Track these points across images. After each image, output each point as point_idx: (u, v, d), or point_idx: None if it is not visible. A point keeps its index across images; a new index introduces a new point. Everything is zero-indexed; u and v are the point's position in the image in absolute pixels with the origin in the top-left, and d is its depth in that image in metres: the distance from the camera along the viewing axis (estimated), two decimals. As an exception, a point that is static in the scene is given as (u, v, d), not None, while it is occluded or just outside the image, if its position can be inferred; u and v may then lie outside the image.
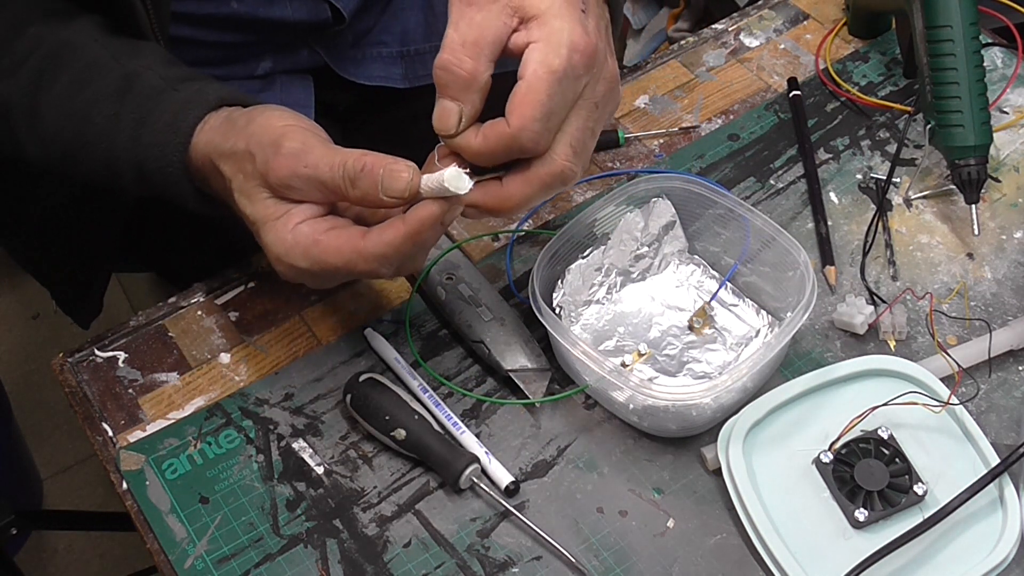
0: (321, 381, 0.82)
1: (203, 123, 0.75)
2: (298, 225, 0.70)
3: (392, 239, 0.68)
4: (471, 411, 0.80)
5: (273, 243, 0.71)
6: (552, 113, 0.67)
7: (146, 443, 0.79)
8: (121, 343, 0.85)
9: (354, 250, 0.69)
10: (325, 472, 0.77)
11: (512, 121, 0.67)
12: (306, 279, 0.73)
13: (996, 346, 0.79)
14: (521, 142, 0.67)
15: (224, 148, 0.72)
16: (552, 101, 0.67)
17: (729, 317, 0.83)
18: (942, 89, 0.84)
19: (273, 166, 0.69)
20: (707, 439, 0.76)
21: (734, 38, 1.04)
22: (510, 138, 0.67)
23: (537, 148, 0.68)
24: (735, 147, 0.95)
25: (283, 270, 0.72)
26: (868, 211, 0.89)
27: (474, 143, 0.69)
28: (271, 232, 0.71)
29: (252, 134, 0.71)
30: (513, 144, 0.68)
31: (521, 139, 0.67)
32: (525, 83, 0.67)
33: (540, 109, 0.67)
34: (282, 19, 0.95)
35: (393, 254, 0.69)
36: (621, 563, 0.72)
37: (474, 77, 0.67)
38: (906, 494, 0.71)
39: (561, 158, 0.70)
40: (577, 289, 0.83)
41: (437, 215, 0.68)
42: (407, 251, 0.69)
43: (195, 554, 0.74)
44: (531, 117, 0.67)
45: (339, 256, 0.69)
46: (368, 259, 0.69)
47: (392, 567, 0.73)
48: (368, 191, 0.68)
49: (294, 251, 0.70)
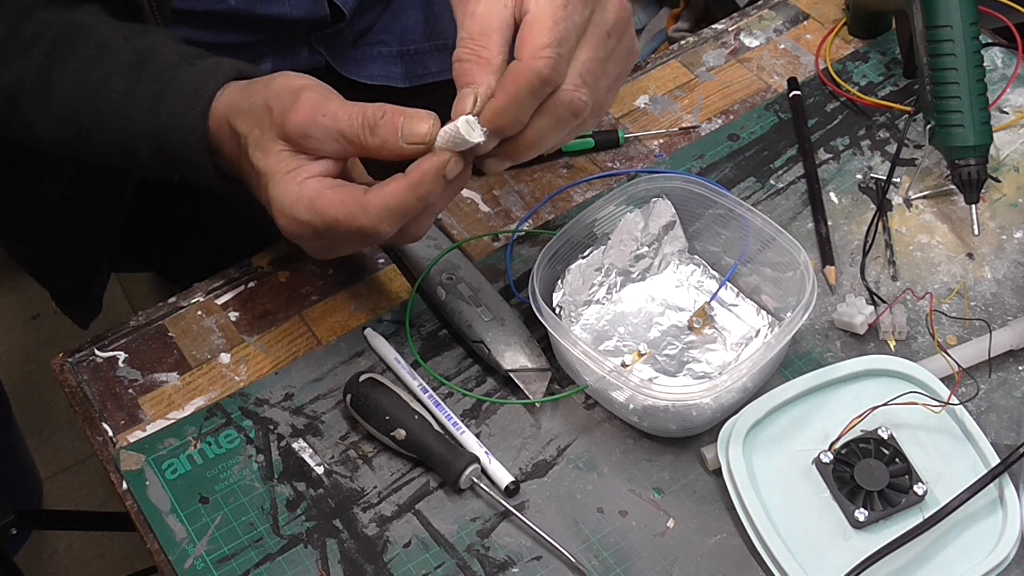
0: (321, 381, 0.82)
1: (221, 91, 0.74)
2: (307, 179, 0.70)
3: (395, 190, 0.68)
4: (471, 411, 0.80)
5: (280, 195, 0.70)
6: (562, 39, 0.66)
7: (146, 443, 0.79)
8: (121, 343, 0.85)
9: (356, 202, 0.69)
10: (325, 472, 0.77)
11: (524, 54, 0.66)
12: (308, 237, 0.72)
13: (996, 346, 0.79)
14: (538, 71, 0.66)
15: (243, 107, 0.72)
16: (560, 26, 0.66)
17: (729, 317, 0.83)
18: (942, 89, 0.84)
19: (291, 115, 0.69)
20: (707, 439, 0.76)
21: (734, 38, 1.04)
22: (527, 71, 0.66)
23: (555, 76, 0.67)
24: (735, 147, 0.95)
25: (285, 224, 0.71)
26: (868, 211, 0.89)
27: (495, 102, 0.67)
28: (279, 184, 0.70)
29: (271, 90, 0.71)
30: (532, 78, 0.66)
31: (537, 68, 0.66)
32: (530, 15, 0.67)
33: (549, 35, 0.66)
34: (281, 16, 0.95)
35: (396, 207, 0.68)
36: (621, 563, 0.72)
37: (489, 61, 0.67)
38: (906, 494, 0.71)
39: (569, 87, 0.68)
40: (577, 289, 0.83)
41: (439, 165, 0.68)
42: (410, 206, 0.69)
43: (195, 554, 0.74)
44: (542, 44, 0.66)
45: (341, 208, 0.69)
46: (370, 212, 0.68)
47: (392, 567, 0.73)
48: (387, 137, 0.68)
49: (299, 203, 0.70)
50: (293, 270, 0.88)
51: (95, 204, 0.99)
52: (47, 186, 0.99)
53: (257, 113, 0.71)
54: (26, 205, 1.02)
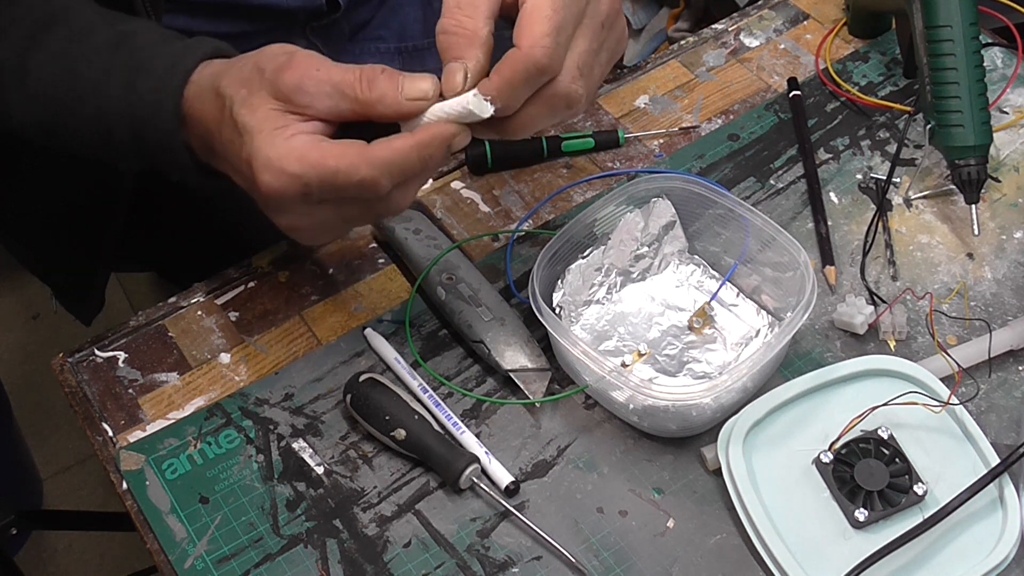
0: (321, 381, 0.82)
1: (201, 67, 0.73)
2: (296, 135, 0.67)
3: (401, 145, 0.67)
4: (471, 411, 0.80)
5: (266, 149, 0.67)
6: (560, 28, 0.67)
7: (146, 443, 0.79)
8: (121, 343, 0.85)
9: (359, 153, 0.67)
10: (325, 472, 0.77)
11: (523, 42, 0.66)
12: (292, 197, 0.68)
13: (996, 346, 0.79)
14: (535, 60, 0.66)
15: (230, 72, 0.70)
16: (558, 15, 0.66)
17: (729, 317, 0.83)
18: (942, 89, 0.84)
19: (285, 72, 0.67)
20: (707, 439, 0.76)
21: (734, 38, 1.04)
22: (524, 60, 0.66)
23: (552, 65, 0.67)
24: (735, 147, 0.95)
25: (270, 180, 0.67)
26: (868, 211, 0.89)
27: (490, 84, 0.67)
28: (266, 139, 0.67)
29: (262, 55, 0.70)
30: (529, 66, 0.66)
31: (535, 57, 0.66)
32: (529, 4, 0.66)
33: (548, 24, 0.66)
34: (276, 5, 0.94)
35: (400, 163, 0.67)
36: (621, 563, 0.72)
37: (475, 34, 0.67)
38: (906, 494, 0.71)
39: (567, 79, 0.68)
40: (577, 289, 0.83)
41: (448, 135, 0.67)
42: (412, 165, 0.68)
43: (195, 554, 0.74)
44: (541, 33, 0.66)
45: (342, 157, 0.66)
46: (372, 164, 0.67)
47: (392, 567, 0.73)
48: (387, 91, 0.67)
49: (288, 156, 0.66)
50: (293, 270, 0.88)
51: (95, 197, 0.98)
52: (47, 181, 0.99)
53: (246, 74, 0.69)
54: (26, 201, 1.02)
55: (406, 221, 0.88)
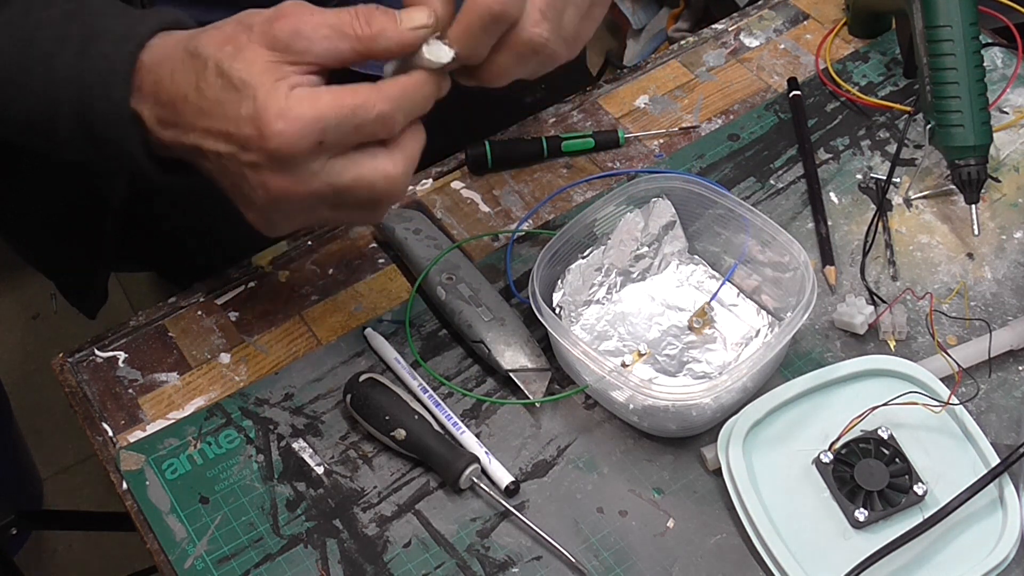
0: (321, 381, 0.82)
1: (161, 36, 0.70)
2: (298, 86, 0.65)
3: (408, 79, 0.67)
4: (471, 411, 0.80)
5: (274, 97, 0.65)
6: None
7: (146, 443, 0.79)
8: (121, 343, 0.85)
9: (372, 89, 0.66)
10: (325, 472, 0.77)
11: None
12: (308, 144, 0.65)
13: (996, 346, 0.79)
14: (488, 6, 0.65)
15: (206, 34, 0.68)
16: None
17: (729, 317, 0.83)
18: (942, 89, 0.84)
19: (278, 20, 0.66)
20: (707, 439, 0.76)
21: (734, 38, 1.04)
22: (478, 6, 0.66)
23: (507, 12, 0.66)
24: (735, 147, 0.95)
25: (283, 128, 0.65)
26: (868, 211, 0.89)
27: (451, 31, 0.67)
28: (271, 90, 0.65)
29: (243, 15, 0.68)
30: (483, 13, 0.66)
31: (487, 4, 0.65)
32: None
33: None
34: None
35: (411, 96, 0.67)
36: (621, 563, 0.72)
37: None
38: (906, 494, 0.71)
39: (528, 24, 0.68)
40: (577, 289, 0.83)
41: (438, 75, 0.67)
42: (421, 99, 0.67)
43: (195, 554, 0.74)
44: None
45: (357, 95, 0.65)
46: (387, 98, 0.66)
47: (392, 567, 0.73)
48: (387, 25, 0.66)
49: (301, 103, 0.65)
50: (293, 270, 0.88)
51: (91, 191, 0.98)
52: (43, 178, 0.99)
53: (228, 32, 0.67)
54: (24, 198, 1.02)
55: (406, 221, 0.88)
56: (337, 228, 0.91)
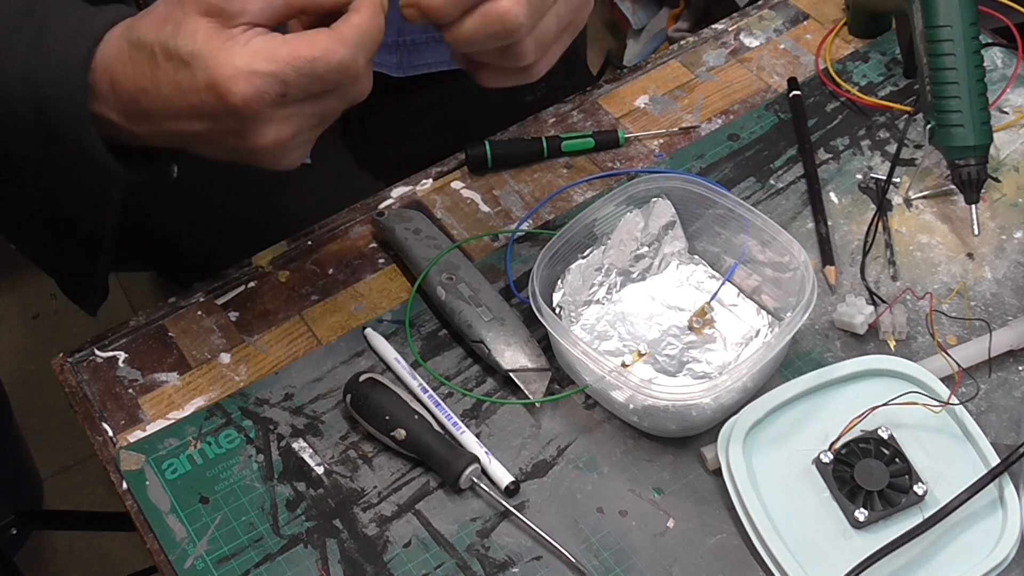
0: (321, 381, 0.82)
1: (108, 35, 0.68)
2: (251, 39, 0.63)
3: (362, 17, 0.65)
4: (471, 411, 0.80)
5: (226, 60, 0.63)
6: None
7: (146, 443, 0.79)
8: (121, 343, 0.85)
9: (329, 36, 0.63)
10: (325, 472, 0.77)
11: None
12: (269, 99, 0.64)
13: (996, 346, 0.79)
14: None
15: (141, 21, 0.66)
16: None
17: (729, 317, 0.83)
18: (942, 89, 0.84)
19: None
20: (707, 439, 0.76)
21: (734, 38, 1.04)
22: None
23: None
24: (735, 147, 0.95)
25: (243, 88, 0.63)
26: (868, 211, 0.89)
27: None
28: (222, 52, 0.63)
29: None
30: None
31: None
32: None
33: None
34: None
35: (368, 33, 0.65)
36: (621, 563, 0.72)
37: None
38: (906, 494, 0.71)
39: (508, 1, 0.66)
40: (577, 289, 0.83)
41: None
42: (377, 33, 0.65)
43: (195, 554, 0.74)
44: None
45: (315, 45, 0.63)
46: (348, 42, 0.64)
47: (392, 567, 0.73)
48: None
49: (256, 58, 0.63)
50: (293, 270, 0.88)
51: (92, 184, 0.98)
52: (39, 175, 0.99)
53: (163, 13, 0.65)
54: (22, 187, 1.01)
55: (406, 221, 0.88)
56: (337, 227, 0.91)
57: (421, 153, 0.96)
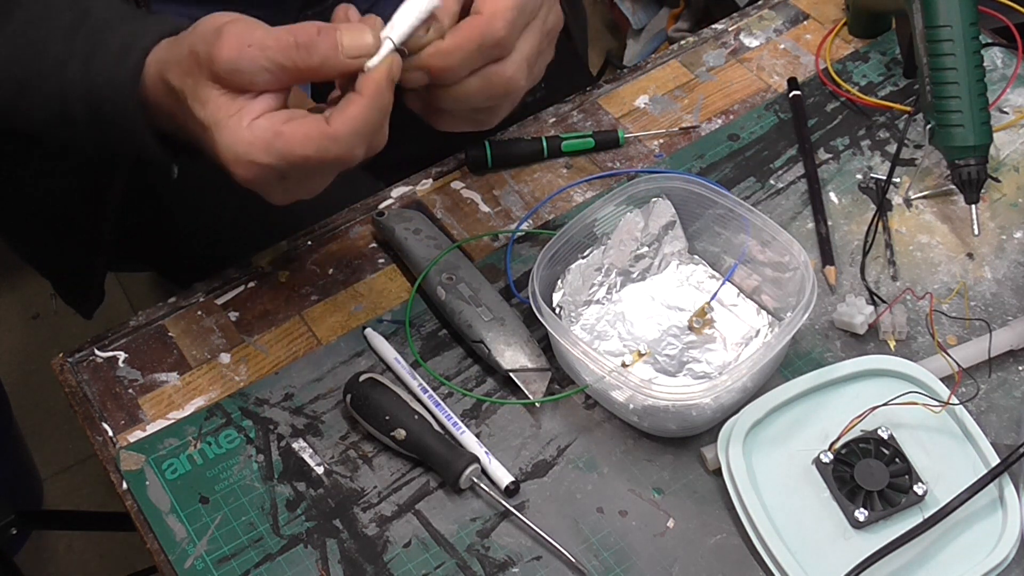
0: (321, 381, 0.82)
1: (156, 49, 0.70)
2: (254, 121, 0.65)
3: (358, 111, 0.65)
4: (471, 411, 0.80)
5: (231, 144, 0.65)
6: (522, 10, 0.66)
7: (146, 443, 0.79)
8: (121, 343, 0.85)
9: (323, 134, 0.65)
10: (325, 472, 0.77)
11: (485, 9, 0.66)
12: (270, 180, 0.67)
13: (996, 346, 0.79)
14: (495, 31, 0.66)
15: (171, 60, 0.68)
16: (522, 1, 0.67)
17: (729, 317, 0.83)
18: (942, 89, 0.84)
19: (216, 52, 0.65)
20: (707, 439, 0.76)
21: (734, 38, 1.04)
22: (484, 27, 0.66)
23: (506, 42, 0.67)
24: (735, 147, 0.95)
25: (243, 173, 0.66)
26: (868, 211, 0.89)
27: (442, 45, 0.67)
28: (226, 131, 0.65)
29: (195, 35, 0.67)
30: (487, 34, 0.66)
31: (495, 27, 0.66)
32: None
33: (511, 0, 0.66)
34: None
35: (363, 127, 0.65)
36: (621, 563, 0.72)
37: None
38: (906, 494, 0.71)
39: (514, 64, 0.68)
40: (577, 289, 0.83)
41: (387, 71, 0.65)
42: (375, 122, 0.66)
43: (195, 554, 0.74)
44: (504, 7, 0.65)
45: (308, 144, 0.65)
46: (340, 141, 0.65)
47: (392, 567, 0.73)
48: (327, 54, 0.65)
49: (254, 147, 0.65)
50: (293, 270, 0.88)
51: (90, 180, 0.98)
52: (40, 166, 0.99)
53: (185, 63, 0.67)
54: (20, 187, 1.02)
55: (406, 221, 0.88)
56: (337, 227, 0.91)
57: (421, 153, 0.96)
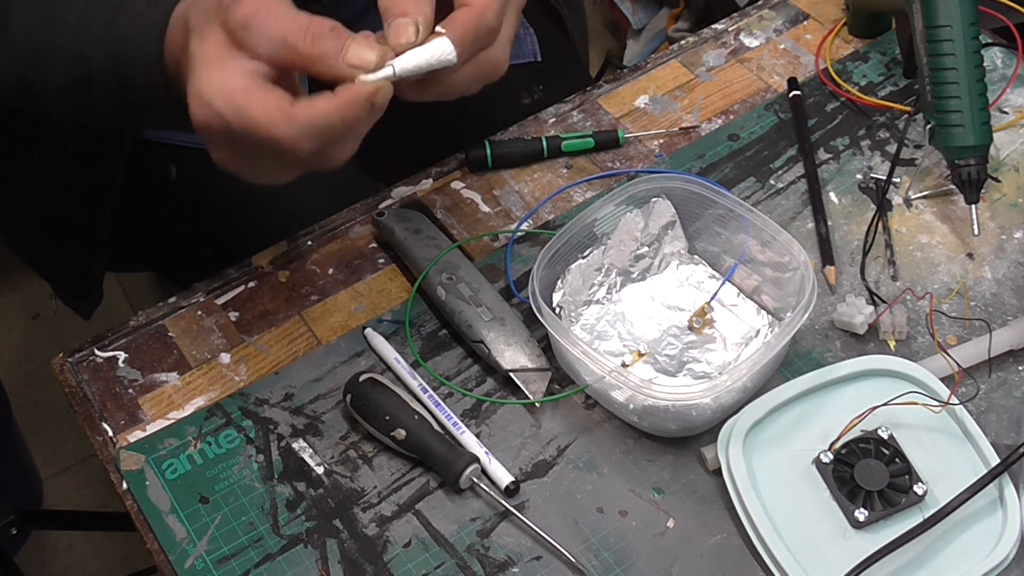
0: (321, 381, 0.82)
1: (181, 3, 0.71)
2: (235, 73, 0.65)
3: (323, 107, 0.65)
4: (471, 411, 0.80)
5: (202, 80, 0.65)
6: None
7: (146, 443, 0.79)
8: (121, 343, 0.85)
9: (280, 109, 0.64)
10: (325, 472, 0.77)
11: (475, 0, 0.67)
12: (217, 135, 0.67)
13: (996, 346, 0.79)
14: (487, 21, 0.67)
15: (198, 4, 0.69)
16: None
17: (729, 317, 0.83)
18: (942, 89, 0.84)
19: (239, 4, 0.65)
20: (707, 439, 0.76)
21: (734, 38, 1.04)
22: (477, 18, 0.67)
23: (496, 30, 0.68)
24: (735, 147, 0.95)
25: (197, 112, 0.66)
26: (868, 211, 0.89)
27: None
28: (206, 69, 0.65)
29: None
30: (481, 25, 0.67)
31: (487, 18, 0.67)
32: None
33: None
34: None
35: (321, 125, 0.65)
36: (621, 563, 0.72)
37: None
38: (906, 494, 0.71)
39: (500, 47, 0.70)
40: (577, 289, 0.83)
41: (371, 92, 0.65)
42: (335, 127, 0.66)
43: (195, 554, 0.74)
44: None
45: (263, 111, 0.64)
46: (293, 124, 0.65)
47: (392, 567, 0.73)
48: (329, 51, 0.65)
49: (219, 95, 0.65)
50: (293, 270, 0.88)
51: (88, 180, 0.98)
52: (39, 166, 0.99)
53: (210, 6, 0.67)
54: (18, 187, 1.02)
55: (406, 221, 0.88)
56: (337, 227, 0.91)
57: (421, 153, 0.96)
